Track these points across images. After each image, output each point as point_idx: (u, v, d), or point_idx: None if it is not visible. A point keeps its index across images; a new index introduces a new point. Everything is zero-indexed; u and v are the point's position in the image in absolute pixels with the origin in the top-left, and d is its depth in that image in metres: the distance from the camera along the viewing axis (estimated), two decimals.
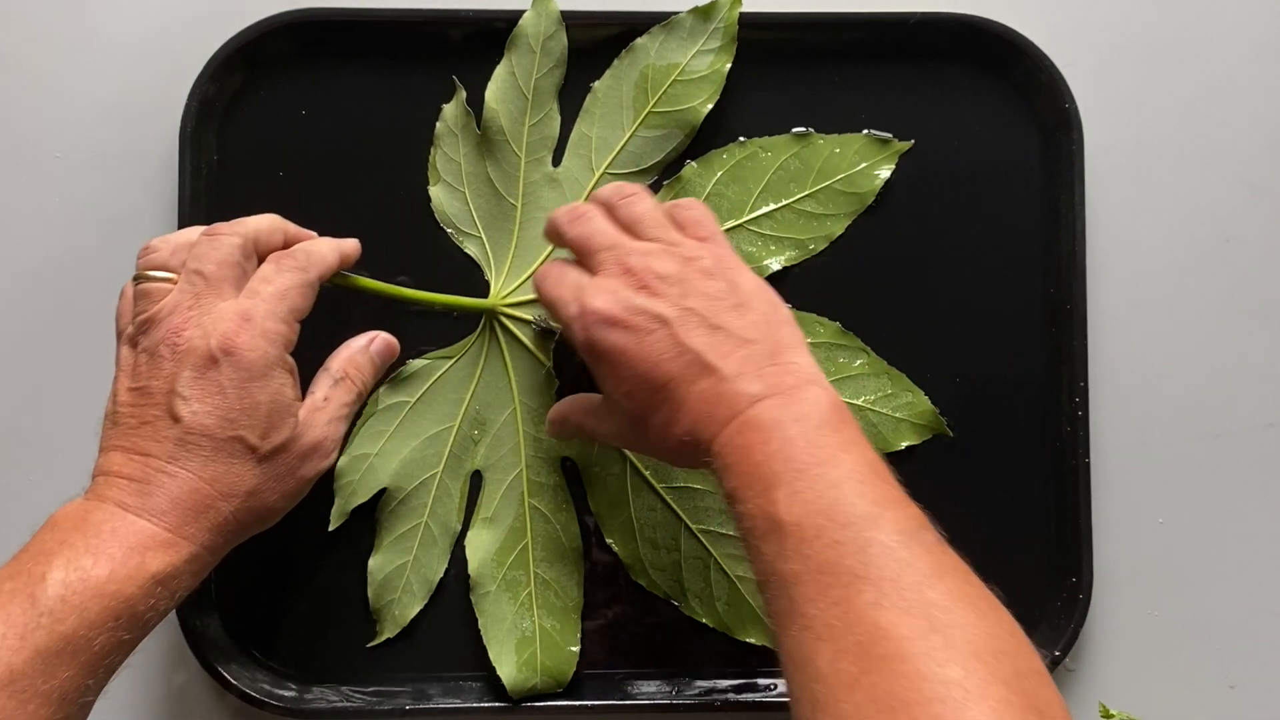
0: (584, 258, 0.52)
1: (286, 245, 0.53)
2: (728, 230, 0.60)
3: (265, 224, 0.52)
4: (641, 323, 0.48)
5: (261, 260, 0.52)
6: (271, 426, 0.48)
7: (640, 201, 0.52)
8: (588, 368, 0.52)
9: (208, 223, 0.59)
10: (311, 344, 0.59)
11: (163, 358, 0.47)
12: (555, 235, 0.54)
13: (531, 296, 0.59)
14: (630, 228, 0.52)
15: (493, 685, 0.59)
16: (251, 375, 0.47)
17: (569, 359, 0.59)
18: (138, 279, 0.50)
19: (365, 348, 0.56)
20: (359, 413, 0.58)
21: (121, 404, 0.48)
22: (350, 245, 0.55)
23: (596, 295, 0.49)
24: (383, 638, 0.59)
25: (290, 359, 0.50)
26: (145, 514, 0.45)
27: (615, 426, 0.52)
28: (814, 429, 0.44)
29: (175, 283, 0.49)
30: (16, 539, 0.60)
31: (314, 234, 0.56)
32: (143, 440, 0.46)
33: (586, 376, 0.55)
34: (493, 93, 0.59)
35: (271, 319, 0.49)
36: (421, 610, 0.59)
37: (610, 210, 0.53)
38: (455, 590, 0.59)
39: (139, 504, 0.45)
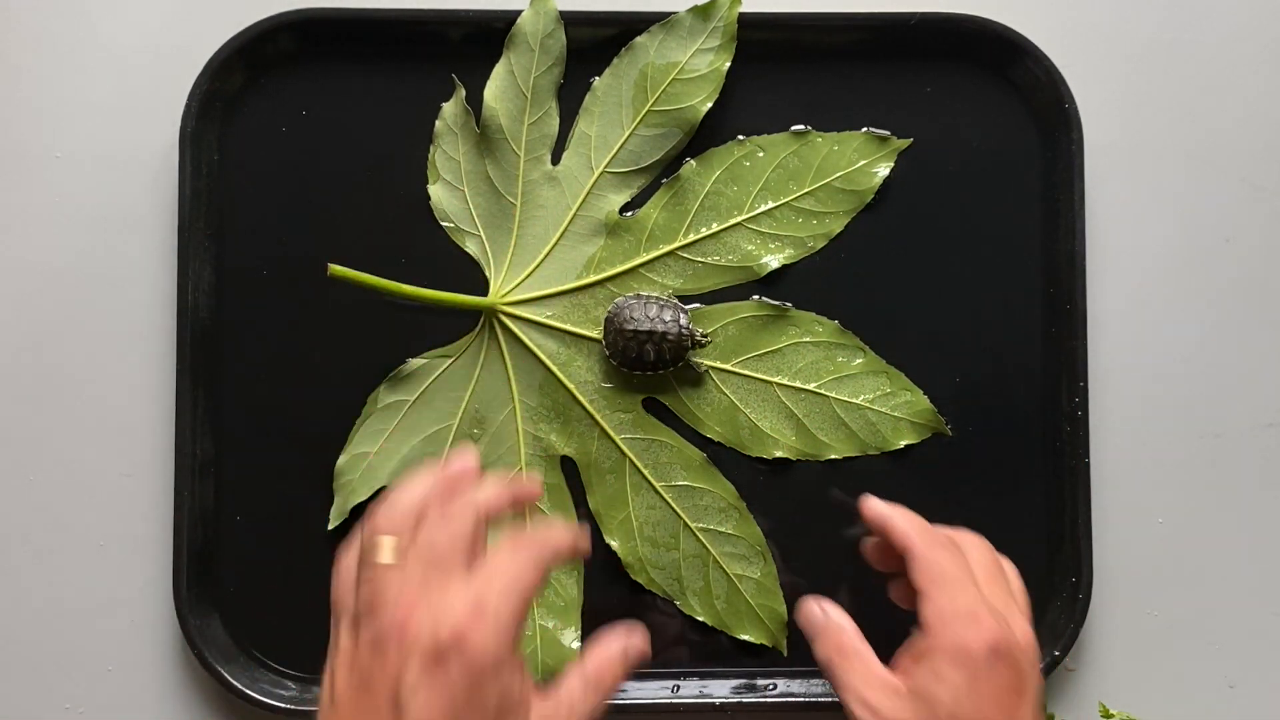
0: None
1: (515, 509, 0.50)
2: (727, 228, 0.60)
3: (494, 493, 0.48)
4: None
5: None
6: None
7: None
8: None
9: (206, 223, 0.59)
10: (308, 343, 0.60)
11: (388, 649, 0.44)
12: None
13: (531, 295, 0.59)
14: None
15: None
16: (482, 673, 0.43)
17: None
18: (363, 556, 0.46)
19: (623, 654, 0.50)
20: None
21: (340, 693, 0.45)
22: (585, 537, 0.50)
23: None
24: None
25: (520, 653, 0.46)
26: None
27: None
28: None
29: (402, 563, 0.45)
30: (16, 538, 0.60)
31: (538, 487, 0.54)
32: None
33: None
34: (492, 91, 0.59)
35: (506, 611, 0.44)
36: None
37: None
38: None
39: None
